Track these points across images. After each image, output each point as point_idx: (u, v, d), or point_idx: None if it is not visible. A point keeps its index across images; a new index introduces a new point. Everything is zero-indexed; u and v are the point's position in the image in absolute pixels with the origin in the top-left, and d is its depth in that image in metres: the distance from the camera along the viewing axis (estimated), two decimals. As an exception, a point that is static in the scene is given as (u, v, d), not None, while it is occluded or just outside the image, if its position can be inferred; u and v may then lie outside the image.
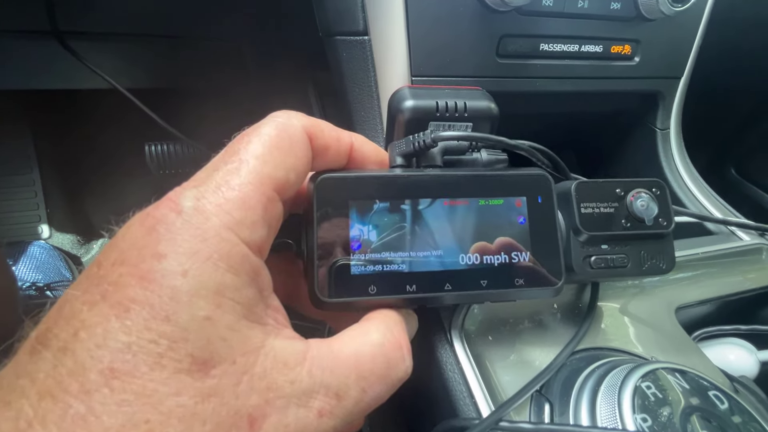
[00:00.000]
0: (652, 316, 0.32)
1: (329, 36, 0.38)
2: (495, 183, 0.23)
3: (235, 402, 0.14)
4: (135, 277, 0.14)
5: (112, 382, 0.12)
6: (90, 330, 0.13)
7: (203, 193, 0.16)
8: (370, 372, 0.17)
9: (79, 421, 0.12)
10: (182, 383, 0.13)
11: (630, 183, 0.26)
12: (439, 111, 0.26)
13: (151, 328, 0.13)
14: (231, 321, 0.15)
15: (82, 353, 0.13)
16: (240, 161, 0.17)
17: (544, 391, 0.26)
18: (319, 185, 0.21)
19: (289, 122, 0.18)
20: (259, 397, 0.15)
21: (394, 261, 0.21)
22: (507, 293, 0.22)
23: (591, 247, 0.25)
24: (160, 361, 0.13)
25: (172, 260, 0.14)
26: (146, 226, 0.15)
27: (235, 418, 0.14)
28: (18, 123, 0.89)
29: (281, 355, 0.16)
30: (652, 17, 0.39)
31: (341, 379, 0.17)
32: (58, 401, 0.12)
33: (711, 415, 0.21)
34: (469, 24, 0.35)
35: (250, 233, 0.16)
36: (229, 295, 0.15)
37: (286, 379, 0.15)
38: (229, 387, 0.14)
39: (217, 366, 0.14)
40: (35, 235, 0.93)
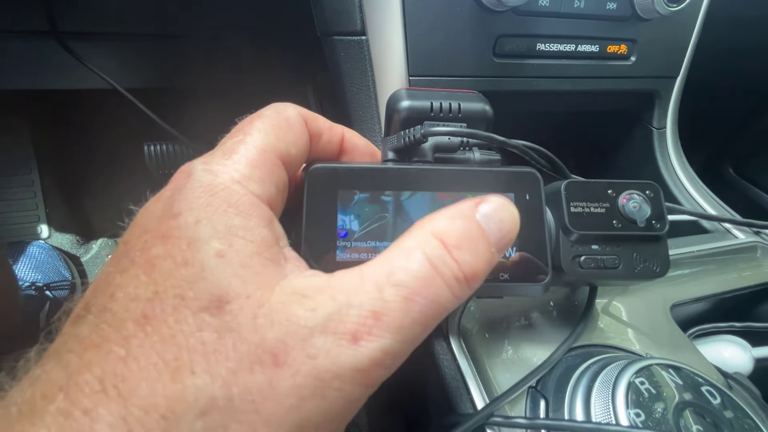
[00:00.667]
0: (648, 314, 0.32)
1: (327, 36, 0.38)
2: (483, 178, 0.23)
3: (253, 336, 0.14)
4: (157, 238, 0.15)
5: (146, 328, 0.13)
6: (124, 289, 0.14)
7: (211, 159, 0.17)
8: (408, 278, 0.15)
9: (120, 363, 0.13)
10: (203, 321, 0.14)
11: (622, 184, 0.26)
12: (433, 111, 0.27)
13: (173, 275, 0.14)
14: (244, 257, 0.15)
15: (118, 309, 0.14)
16: (244, 134, 0.18)
17: (540, 387, 0.26)
18: (311, 173, 0.21)
19: (286, 107, 0.20)
20: (279, 330, 0.14)
21: (380, 249, 0.21)
22: (492, 288, 0.22)
23: (581, 246, 0.25)
24: (182, 302, 0.14)
25: (186, 215, 0.15)
26: (162, 197, 0.16)
27: (256, 353, 0.14)
28: (17, 123, 0.89)
29: (299, 288, 0.15)
30: (648, 17, 0.39)
31: (373, 294, 0.15)
32: (101, 348, 0.13)
33: (704, 410, 0.22)
34: (466, 24, 0.36)
35: (259, 187, 0.17)
36: (241, 234, 0.15)
37: (306, 308, 0.14)
38: (246, 321, 0.14)
39: (232, 301, 0.14)
40: (34, 235, 0.93)
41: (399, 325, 0.14)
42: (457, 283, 0.16)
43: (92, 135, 0.93)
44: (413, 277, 0.15)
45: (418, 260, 0.15)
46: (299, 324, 0.14)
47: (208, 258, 0.14)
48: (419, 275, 0.15)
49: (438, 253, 0.16)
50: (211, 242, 0.15)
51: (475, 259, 0.16)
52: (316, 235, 0.21)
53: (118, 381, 0.13)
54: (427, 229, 0.16)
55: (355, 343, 0.14)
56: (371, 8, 0.35)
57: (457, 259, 0.16)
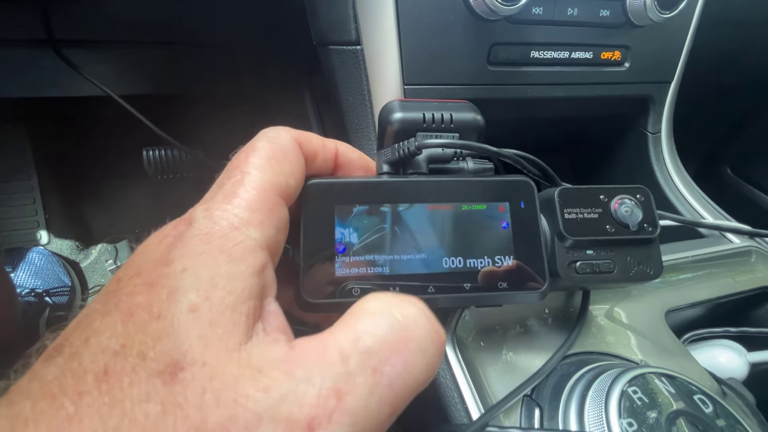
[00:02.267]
0: (642, 320, 0.32)
1: (323, 45, 0.39)
2: (478, 188, 0.24)
3: (196, 416, 0.12)
4: (145, 285, 0.14)
5: (102, 386, 0.12)
6: (98, 336, 0.13)
7: (212, 204, 0.16)
8: (378, 344, 0.14)
9: (65, 423, 0.12)
10: (153, 388, 0.12)
11: (613, 189, 0.26)
12: (426, 122, 0.27)
13: (144, 329, 0.13)
14: (216, 313, 0.14)
15: (87, 357, 0.13)
16: (242, 173, 0.17)
17: (535, 396, 0.26)
18: (307, 190, 0.21)
19: (279, 135, 0.19)
20: (223, 412, 0.12)
21: (377, 263, 0.22)
22: (491, 297, 0.23)
23: (576, 252, 0.25)
24: (141, 363, 0.13)
25: (178, 263, 0.14)
26: (163, 242, 0.15)
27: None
28: (16, 130, 0.90)
29: (256, 361, 0.13)
30: (641, 24, 0.39)
31: (337, 367, 0.13)
32: (55, 401, 0.12)
33: (696, 419, 0.22)
34: (460, 33, 0.36)
35: (258, 232, 0.16)
36: (222, 284, 0.14)
37: (259, 387, 0.13)
38: (194, 396, 0.12)
39: (187, 368, 0.13)
40: (34, 241, 0.94)
41: (364, 405, 0.13)
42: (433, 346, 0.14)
43: (91, 141, 0.93)
44: (382, 341, 0.14)
45: (388, 323, 0.14)
46: (246, 407, 0.12)
47: (180, 312, 0.13)
48: (389, 340, 0.14)
49: (411, 312, 0.15)
50: (189, 294, 0.14)
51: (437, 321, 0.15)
52: (315, 251, 0.21)
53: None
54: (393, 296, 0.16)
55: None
56: (366, 18, 0.35)
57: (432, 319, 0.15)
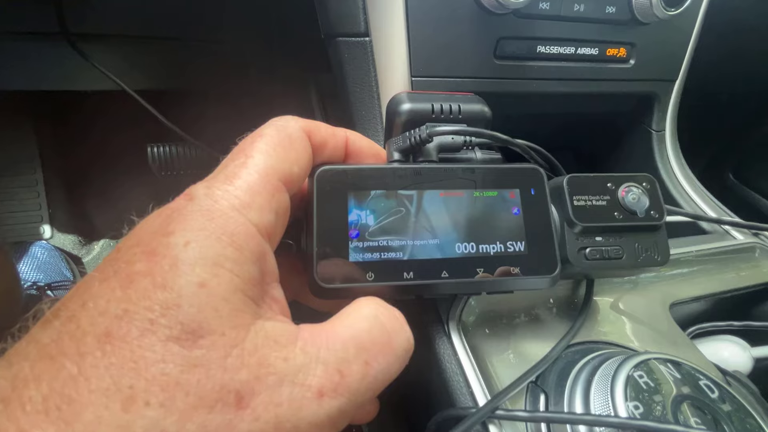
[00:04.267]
0: (647, 312, 0.32)
1: (331, 37, 0.39)
2: (489, 175, 0.24)
3: (222, 375, 0.13)
4: (145, 254, 0.14)
5: (105, 346, 0.13)
6: (96, 300, 0.14)
7: (213, 183, 0.17)
8: (370, 343, 0.17)
9: (70, 382, 0.12)
10: (169, 351, 0.13)
11: (620, 177, 0.27)
12: (434, 113, 0.27)
13: (149, 295, 0.13)
14: (226, 291, 0.14)
15: (84, 320, 0.13)
16: (246, 156, 0.18)
17: (540, 382, 0.26)
18: (319, 176, 0.22)
19: (287, 123, 0.20)
20: (249, 373, 0.14)
21: (391, 248, 0.22)
22: (503, 282, 0.23)
23: (585, 238, 0.26)
24: (151, 327, 0.13)
25: (178, 235, 0.15)
26: (162, 214, 0.16)
27: (221, 393, 0.13)
28: (22, 124, 0.90)
29: (272, 333, 0.15)
30: (647, 21, 0.39)
31: (339, 353, 0.16)
32: (54, 362, 0.13)
33: (701, 403, 0.22)
34: (467, 26, 0.36)
35: (258, 216, 0.17)
36: (228, 266, 0.15)
37: (279, 356, 0.15)
38: (216, 359, 0.14)
39: (206, 336, 0.14)
40: (37, 235, 0.94)
41: (356, 387, 0.16)
42: (405, 354, 0.18)
43: (96, 136, 0.94)
44: (374, 343, 0.17)
45: (379, 329, 0.17)
46: (269, 370, 0.14)
47: (189, 285, 0.14)
48: (378, 342, 0.17)
49: (396, 326, 0.18)
50: (195, 268, 0.14)
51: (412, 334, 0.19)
52: (328, 237, 0.21)
53: (63, 402, 0.12)
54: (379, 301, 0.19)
55: (320, 398, 0.15)
56: (375, 10, 0.36)
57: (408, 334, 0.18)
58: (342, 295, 0.21)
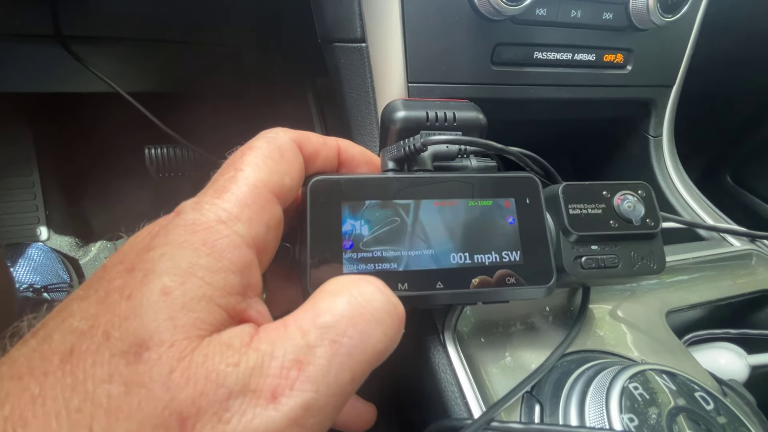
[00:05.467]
0: (643, 320, 0.32)
1: (328, 43, 0.39)
2: (484, 184, 0.24)
3: (164, 395, 0.12)
4: (125, 270, 0.14)
5: (65, 366, 0.12)
6: (71, 319, 0.13)
7: (202, 198, 0.16)
8: (335, 319, 0.14)
9: (29, 403, 0.12)
10: (115, 368, 0.12)
11: (616, 185, 0.26)
12: (429, 121, 0.27)
13: (113, 309, 0.13)
14: (190, 299, 0.13)
15: (57, 338, 0.13)
16: (236, 170, 0.17)
17: (535, 392, 0.26)
18: (312, 187, 0.21)
19: (277, 135, 0.19)
20: (194, 389, 0.12)
21: (385, 259, 0.22)
22: (499, 292, 0.23)
23: (581, 247, 0.26)
24: (106, 342, 0.12)
25: (158, 249, 0.14)
26: (150, 232, 0.16)
27: (163, 415, 0.12)
28: (19, 125, 0.90)
29: (226, 338, 0.14)
30: (644, 27, 0.39)
31: (297, 340, 0.14)
32: (22, 382, 0.12)
33: (697, 415, 0.22)
34: (464, 32, 0.36)
35: (246, 228, 0.16)
36: (201, 274, 0.14)
37: (230, 362, 0.13)
38: (159, 376, 0.12)
39: (152, 349, 0.12)
40: (34, 237, 0.93)
41: (324, 373, 0.13)
42: (389, 318, 0.15)
43: (93, 138, 0.94)
44: (340, 316, 0.14)
45: (346, 300, 0.15)
46: (217, 383, 0.13)
47: (151, 293, 0.13)
48: (346, 314, 0.14)
49: (368, 290, 0.15)
50: (163, 277, 0.13)
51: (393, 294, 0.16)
52: (322, 247, 0.21)
53: (18, 425, 0.11)
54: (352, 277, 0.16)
55: (274, 401, 0.13)
56: (371, 16, 0.36)
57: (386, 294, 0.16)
58: None
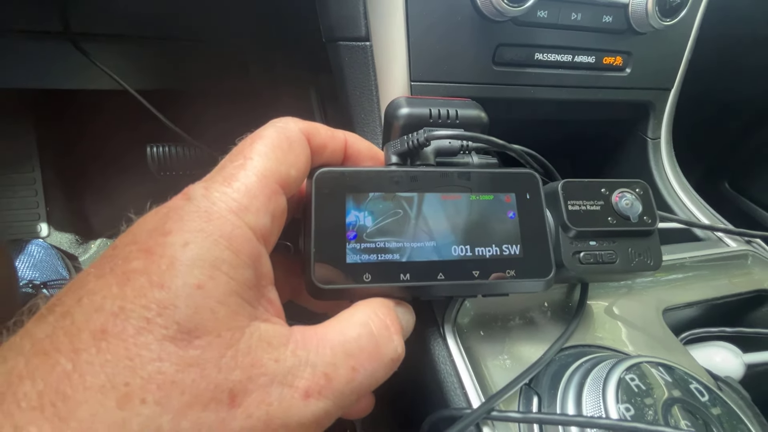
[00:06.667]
0: (640, 317, 0.33)
1: (332, 41, 0.39)
2: (485, 180, 0.24)
3: (216, 375, 0.14)
4: (141, 251, 0.15)
5: (100, 343, 0.13)
6: (91, 297, 0.14)
7: (211, 184, 0.17)
8: (357, 350, 0.17)
9: (65, 378, 0.12)
10: (165, 350, 0.13)
11: (614, 183, 0.27)
12: (432, 118, 0.28)
13: (146, 294, 0.14)
14: (222, 294, 0.15)
15: (79, 316, 0.13)
16: (245, 158, 0.18)
17: (533, 385, 0.26)
18: (318, 178, 0.22)
19: (287, 125, 0.20)
20: (242, 373, 0.14)
21: (387, 250, 0.22)
22: (499, 285, 0.23)
23: (579, 243, 0.26)
24: (147, 326, 0.13)
25: (176, 235, 0.15)
26: (159, 213, 0.16)
27: (215, 392, 0.14)
28: (22, 122, 0.90)
29: (266, 335, 0.16)
30: (643, 30, 0.40)
31: (327, 357, 0.17)
32: (49, 358, 0.13)
33: (692, 406, 0.22)
34: (467, 33, 0.37)
35: (255, 219, 0.17)
36: (225, 269, 0.15)
37: (270, 357, 0.15)
38: (211, 359, 0.14)
39: (202, 337, 0.14)
40: (34, 233, 0.94)
41: (341, 390, 0.16)
42: (393, 363, 0.19)
43: (95, 135, 0.94)
44: (362, 350, 0.18)
45: (367, 335, 0.18)
46: (262, 371, 0.15)
47: (186, 287, 0.14)
48: (366, 350, 0.18)
49: (384, 334, 0.19)
50: (193, 270, 0.14)
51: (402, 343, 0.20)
52: (325, 238, 0.21)
53: (57, 399, 0.12)
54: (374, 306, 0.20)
55: (306, 399, 0.15)
56: (375, 15, 0.36)
57: (397, 344, 0.19)
58: (339, 296, 0.22)
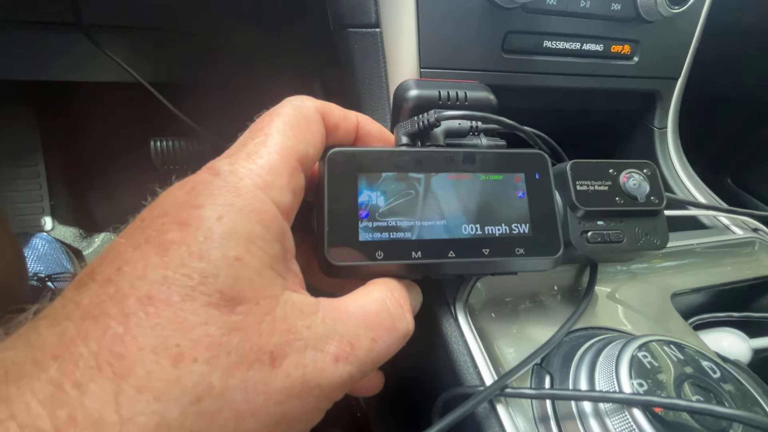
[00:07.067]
0: (650, 301, 0.33)
1: (341, 29, 0.40)
2: (495, 160, 0.25)
3: (258, 338, 0.15)
4: (176, 223, 0.15)
5: (148, 308, 0.13)
6: (132, 265, 0.14)
7: (236, 160, 0.17)
8: (376, 324, 0.19)
9: (117, 340, 0.13)
10: (210, 315, 0.14)
11: (622, 164, 0.27)
12: (441, 100, 0.28)
13: (186, 264, 0.14)
14: (258, 265, 0.16)
15: (123, 283, 0.14)
16: (266, 135, 0.18)
17: (545, 364, 0.27)
18: (330, 158, 0.22)
19: (303, 104, 0.20)
20: (280, 337, 0.16)
21: (399, 228, 0.22)
22: (508, 262, 0.23)
23: (587, 222, 0.26)
24: (191, 293, 0.14)
25: (209, 209, 0.16)
26: (186, 187, 0.17)
27: (258, 353, 0.15)
28: (25, 114, 0.90)
29: (298, 304, 0.17)
30: (651, 18, 0.40)
31: (352, 328, 0.18)
32: (99, 322, 0.13)
33: (704, 382, 0.22)
34: (476, 19, 0.37)
35: (279, 195, 0.17)
36: (259, 243, 0.16)
37: (304, 324, 0.16)
38: (252, 324, 0.15)
39: (243, 304, 0.15)
40: (38, 226, 0.94)
41: (363, 359, 0.18)
42: (404, 338, 0.20)
43: (99, 129, 0.94)
44: (379, 325, 0.19)
45: (385, 313, 0.20)
46: (297, 336, 0.16)
47: (225, 258, 0.15)
48: (384, 325, 0.19)
49: (398, 311, 0.20)
50: (230, 242, 0.15)
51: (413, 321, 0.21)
52: (339, 216, 0.22)
53: (113, 359, 0.13)
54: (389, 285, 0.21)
55: (336, 363, 0.17)
56: (385, 2, 0.37)
57: (409, 320, 0.21)
58: (351, 273, 0.22)
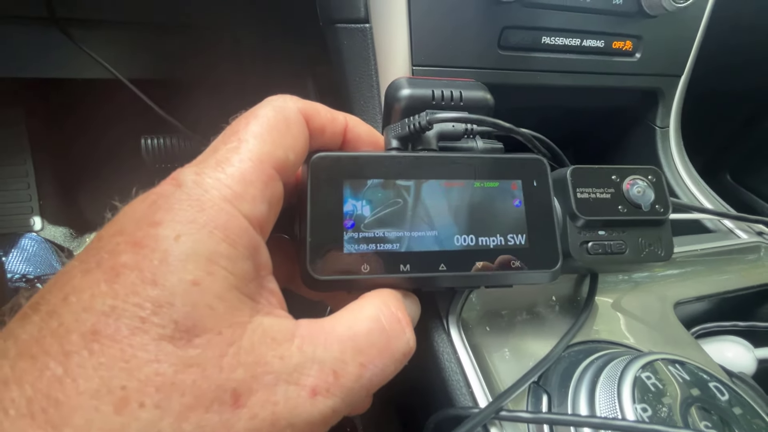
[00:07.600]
0: (651, 311, 0.31)
1: (330, 24, 0.38)
2: (490, 165, 0.23)
3: (218, 375, 0.13)
4: (129, 244, 0.14)
5: (92, 345, 0.12)
6: (79, 294, 0.13)
7: (203, 169, 0.16)
8: (367, 345, 0.17)
9: (55, 383, 0.12)
10: (163, 350, 0.13)
11: (626, 170, 0.26)
12: (435, 99, 0.26)
13: (137, 292, 0.13)
14: (221, 290, 0.14)
15: (67, 316, 0.12)
16: (239, 140, 0.17)
17: (542, 383, 0.25)
18: (314, 163, 0.21)
19: (285, 105, 0.18)
20: (245, 372, 0.14)
21: (387, 240, 0.21)
22: (503, 276, 0.22)
23: (588, 232, 0.25)
24: (142, 325, 0.12)
25: (167, 227, 0.14)
26: (147, 201, 0.15)
27: (217, 392, 0.13)
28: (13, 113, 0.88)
29: (269, 331, 0.15)
30: (654, 13, 0.38)
31: (336, 354, 0.16)
32: (37, 362, 0.12)
33: (712, 406, 0.21)
34: (471, 14, 0.35)
35: (251, 207, 0.16)
36: (222, 263, 0.14)
37: (275, 354, 0.15)
38: (212, 358, 0.13)
39: (202, 335, 0.13)
40: (27, 227, 0.92)
41: (350, 387, 0.16)
42: (404, 358, 0.18)
43: (89, 127, 0.92)
44: (371, 346, 0.17)
45: (378, 331, 0.17)
46: (266, 369, 0.14)
47: (182, 283, 0.13)
48: (376, 345, 0.17)
49: (395, 328, 0.18)
50: (188, 265, 0.14)
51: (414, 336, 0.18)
52: (322, 227, 0.20)
53: (49, 405, 0.11)
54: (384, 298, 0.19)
55: (313, 397, 0.15)
56: (375, -4, 0.35)
57: (408, 337, 0.18)
58: (336, 287, 0.20)
